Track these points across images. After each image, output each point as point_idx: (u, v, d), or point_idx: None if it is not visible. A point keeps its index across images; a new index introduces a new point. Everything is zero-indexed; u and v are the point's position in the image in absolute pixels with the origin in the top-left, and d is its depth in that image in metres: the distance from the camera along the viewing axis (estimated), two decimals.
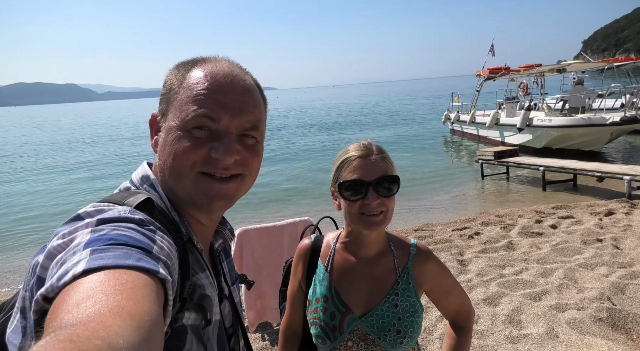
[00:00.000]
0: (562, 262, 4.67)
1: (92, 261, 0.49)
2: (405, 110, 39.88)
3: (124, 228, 0.59)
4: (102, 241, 0.54)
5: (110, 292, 0.45)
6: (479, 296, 3.95)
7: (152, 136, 0.81)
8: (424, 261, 1.24)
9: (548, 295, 3.88)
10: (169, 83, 0.78)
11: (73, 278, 0.47)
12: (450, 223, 6.67)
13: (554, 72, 14.76)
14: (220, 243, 0.90)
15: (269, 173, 13.18)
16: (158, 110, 0.81)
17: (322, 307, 1.22)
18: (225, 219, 0.94)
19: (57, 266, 0.53)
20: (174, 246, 0.66)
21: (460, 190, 9.74)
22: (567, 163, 8.95)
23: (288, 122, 35.39)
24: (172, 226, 0.71)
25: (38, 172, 16.50)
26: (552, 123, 11.91)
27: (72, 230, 0.60)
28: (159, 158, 0.77)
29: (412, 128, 23.65)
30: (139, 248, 0.55)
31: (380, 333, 1.17)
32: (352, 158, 1.16)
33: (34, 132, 44.14)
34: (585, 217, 6.32)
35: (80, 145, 26.84)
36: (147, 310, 0.45)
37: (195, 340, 0.70)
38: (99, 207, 0.66)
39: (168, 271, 0.56)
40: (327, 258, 1.27)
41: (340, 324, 1.19)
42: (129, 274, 0.49)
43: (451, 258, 5.03)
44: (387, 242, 1.26)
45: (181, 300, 0.67)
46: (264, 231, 3.53)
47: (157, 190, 0.77)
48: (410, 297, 1.20)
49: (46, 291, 0.48)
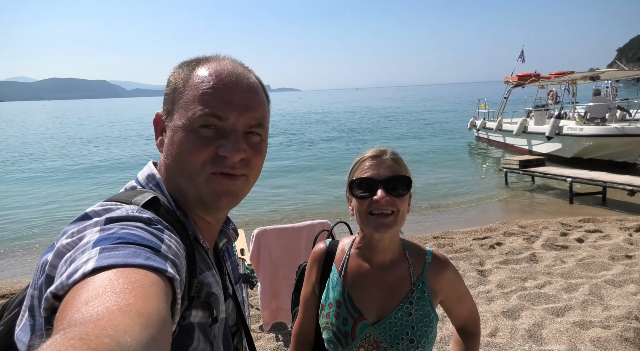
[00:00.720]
0: (587, 277, 4.50)
1: (102, 259, 0.50)
2: (429, 115, 39.40)
3: (132, 227, 0.59)
4: (111, 240, 0.54)
5: (119, 291, 0.45)
6: (499, 309, 3.85)
7: (156, 136, 0.81)
8: (440, 270, 1.22)
9: (572, 311, 3.75)
10: (174, 82, 0.78)
11: (83, 276, 0.48)
12: (471, 232, 6.54)
13: (587, 79, 14.28)
14: (225, 242, 0.91)
15: (288, 175, 13.25)
16: (162, 109, 0.80)
17: (334, 312, 1.22)
18: (229, 219, 0.94)
19: (67, 264, 0.53)
20: (182, 245, 0.66)
21: (482, 199, 9.53)
22: (597, 175, 8.62)
23: (311, 123, 35.53)
24: (178, 225, 0.71)
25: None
26: (583, 132, 11.50)
27: (80, 228, 0.60)
28: (166, 157, 0.77)
29: (435, 134, 23.33)
30: (147, 247, 0.55)
31: (393, 341, 1.15)
32: (364, 158, 1.18)
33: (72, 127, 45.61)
34: (614, 232, 6.08)
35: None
36: (155, 308, 0.45)
37: (202, 337, 0.71)
38: (107, 205, 0.67)
39: (176, 270, 0.57)
40: (341, 263, 1.26)
41: (353, 330, 1.18)
42: (138, 273, 0.49)
43: (470, 267, 4.93)
44: (402, 248, 1.24)
45: (189, 298, 0.67)
46: (282, 232, 3.54)
47: (162, 189, 0.77)
48: (424, 307, 1.18)
49: (56, 289, 0.48)
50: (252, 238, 3.53)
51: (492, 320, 3.67)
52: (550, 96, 16.98)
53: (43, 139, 29.56)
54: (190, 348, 0.69)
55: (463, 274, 4.76)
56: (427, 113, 42.86)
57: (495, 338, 3.41)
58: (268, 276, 3.55)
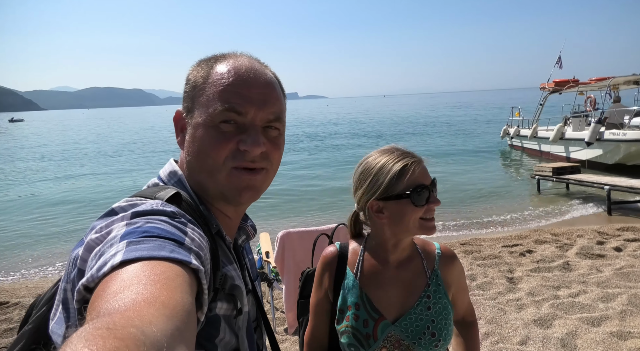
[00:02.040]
0: (626, 287, 4.28)
1: (129, 253, 0.52)
2: (460, 122, 38.63)
3: (157, 221, 0.61)
4: (137, 233, 0.56)
5: (146, 282, 0.47)
6: (530, 317, 3.72)
7: (177, 133, 0.83)
8: (450, 262, 1.25)
9: (608, 321, 3.58)
10: (193, 80, 0.80)
11: (111, 269, 0.50)
12: (501, 239, 6.35)
13: (631, 84, 13.66)
14: (244, 239, 0.92)
15: (311, 179, 13.33)
16: (182, 107, 0.82)
17: (354, 315, 1.20)
18: (247, 215, 0.96)
19: (96, 258, 0.56)
20: (205, 237, 0.67)
21: (513, 206, 9.24)
22: (637, 182, 8.20)
23: (338, 130, 35.62)
24: (200, 219, 0.73)
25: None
26: (627, 137, 10.98)
27: (108, 223, 0.62)
28: (188, 154, 0.79)
29: (467, 142, 22.84)
30: (171, 240, 0.57)
31: (415, 337, 1.15)
32: (409, 164, 1.13)
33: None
34: None
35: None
36: (180, 299, 0.46)
37: (228, 329, 0.73)
38: (132, 201, 0.69)
39: (200, 262, 0.58)
40: (355, 265, 1.24)
41: (374, 331, 1.17)
42: (163, 265, 0.51)
43: (499, 275, 4.79)
44: (414, 245, 1.26)
45: (214, 290, 0.69)
46: (306, 234, 3.57)
47: (184, 185, 0.79)
48: (441, 299, 1.20)
49: (87, 281, 0.51)
50: (277, 240, 3.58)
51: (523, 328, 3.55)
52: (589, 102, 16.33)
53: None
54: (217, 339, 0.71)
55: (491, 281, 4.63)
56: (458, 120, 42.03)
57: (526, 346, 3.29)
58: (292, 279, 3.58)
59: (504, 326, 3.61)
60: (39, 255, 7.40)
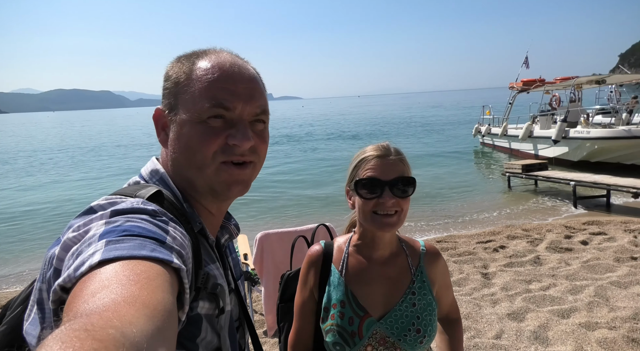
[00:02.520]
0: (592, 279, 4.48)
1: (108, 252, 0.50)
2: (433, 122, 39.41)
3: (138, 219, 0.60)
4: (117, 232, 0.55)
5: (125, 282, 0.45)
6: (504, 311, 3.83)
7: (158, 131, 0.81)
8: (434, 259, 1.27)
9: (577, 313, 3.72)
10: (175, 76, 0.78)
11: (89, 268, 0.49)
12: (475, 236, 6.52)
13: (593, 83, 14.29)
14: (227, 238, 0.91)
15: (289, 180, 13.28)
16: (163, 105, 0.80)
17: (339, 313, 1.19)
18: (230, 214, 0.95)
19: (73, 257, 0.54)
20: (187, 236, 0.67)
21: (486, 203, 9.50)
22: (601, 178, 8.59)
23: (314, 131, 35.64)
24: (182, 218, 0.72)
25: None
26: (590, 135, 11.48)
27: (86, 222, 0.61)
28: (173, 151, 0.78)
29: (440, 140, 23.33)
30: (152, 239, 0.56)
31: (400, 333, 1.15)
32: (370, 157, 1.16)
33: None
34: (618, 234, 6.05)
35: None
36: (160, 299, 0.45)
37: (209, 328, 0.72)
38: (112, 199, 0.68)
39: (182, 261, 0.57)
40: (340, 263, 1.24)
41: (359, 329, 1.16)
42: (143, 264, 0.50)
43: (474, 270, 4.91)
44: (399, 242, 1.27)
45: (195, 289, 0.68)
46: (285, 235, 3.55)
47: (167, 183, 0.78)
48: (426, 295, 1.21)
49: (64, 281, 0.49)
50: (255, 242, 3.54)
51: (497, 322, 3.65)
52: (554, 101, 17.00)
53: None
54: (198, 338, 0.70)
55: (466, 277, 4.74)
56: (431, 120, 42.88)
57: (501, 340, 3.39)
58: (272, 280, 3.55)
59: (480, 321, 3.70)
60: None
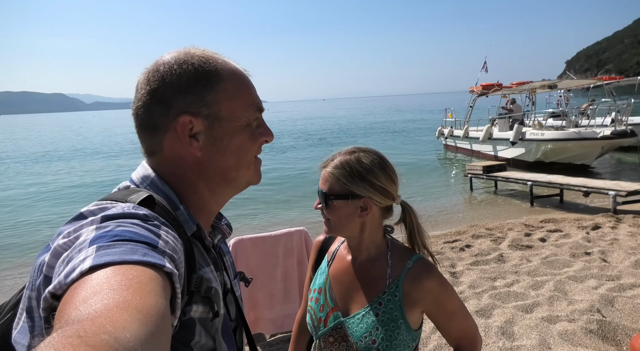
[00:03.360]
0: (552, 275, 4.73)
1: (99, 257, 0.50)
2: (397, 124, 40.28)
3: (129, 224, 0.59)
4: (108, 237, 0.54)
5: (117, 288, 0.45)
6: (472, 308, 3.97)
7: (185, 139, 0.77)
8: (420, 278, 1.17)
9: (539, 307, 3.92)
10: (195, 78, 0.77)
11: (80, 275, 0.48)
12: (441, 236, 6.72)
13: (546, 88, 15.17)
14: (219, 238, 0.91)
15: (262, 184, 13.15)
16: (189, 111, 0.77)
17: (315, 298, 1.29)
18: (222, 214, 0.95)
19: (64, 264, 0.53)
20: (179, 240, 0.66)
21: (450, 204, 9.83)
22: (554, 178, 9.11)
23: (281, 134, 35.53)
24: (174, 222, 0.72)
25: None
26: (544, 136, 12.15)
27: (76, 228, 0.60)
28: (215, 152, 0.79)
29: (404, 143, 23.86)
30: (144, 244, 0.55)
31: (357, 337, 1.16)
32: (320, 167, 1.26)
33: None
34: (572, 231, 6.43)
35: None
36: (154, 304, 0.45)
37: (203, 332, 0.71)
38: (102, 205, 0.67)
39: (174, 265, 0.57)
40: (331, 254, 1.35)
41: (326, 318, 1.24)
42: (135, 269, 0.49)
43: (443, 270, 5.06)
44: (386, 249, 1.24)
45: (189, 293, 0.68)
46: (259, 241, 3.52)
47: (159, 188, 0.77)
48: (393, 310, 1.16)
49: (54, 288, 0.48)
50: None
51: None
52: (508, 105, 17.86)
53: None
54: (192, 342, 0.69)
55: None
56: (394, 122, 43.84)
57: None
58: (245, 287, 3.50)
59: None
60: None
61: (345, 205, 1.18)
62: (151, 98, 0.77)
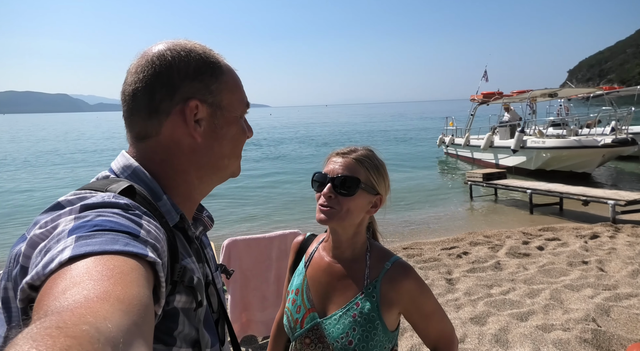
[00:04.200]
0: (548, 283, 4.70)
1: (78, 248, 0.49)
2: (399, 131, 40.30)
3: (109, 214, 0.58)
4: (87, 227, 0.53)
5: (98, 278, 0.44)
6: (467, 315, 3.94)
7: (191, 124, 0.79)
8: (397, 279, 1.16)
9: (534, 315, 3.89)
10: (202, 68, 0.80)
11: (59, 265, 0.47)
12: (439, 242, 6.69)
13: (546, 97, 15.19)
14: (201, 230, 0.91)
15: (260, 187, 13.16)
16: (194, 96, 0.78)
17: (292, 299, 1.27)
18: (203, 206, 0.95)
19: (41, 254, 0.52)
20: (162, 230, 0.66)
21: (449, 211, 9.80)
22: (554, 186, 9.09)
23: (284, 138, 35.57)
24: (156, 212, 0.71)
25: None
26: (545, 144, 12.15)
27: (54, 217, 0.58)
28: (213, 139, 0.82)
29: (405, 150, 23.86)
30: (125, 233, 0.54)
31: (333, 338, 1.15)
32: (332, 154, 1.24)
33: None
34: (570, 240, 6.40)
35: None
36: (136, 294, 0.44)
37: (187, 322, 0.71)
38: (80, 194, 0.65)
39: (157, 254, 0.56)
40: (309, 255, 1.32)
41: (303, 319, 1.22)
42: (117, 259, 0.48)
43: (439, 276, 5.03)
44: (366, 250, 1.23)
45: (172, 283, 0.67)
46: (253, 242, 3.50)
47: (141, 177, 0.77)
48: (370, 312, 1.15)
49: (32, 279, 0.47)
50: (222, 249, 3.47)
51: (461, 327, 3.75)
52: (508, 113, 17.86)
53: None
54: (175, 332, 0.69)
55: (432, 283, 4.84)
56: (396, 129, 43.89)
57: (464, 344, 3.48)
58: (238, 288, 3.49)
59: None
60: None
61: (363, 196, 1.17)
62: (155, 81, 0.76)
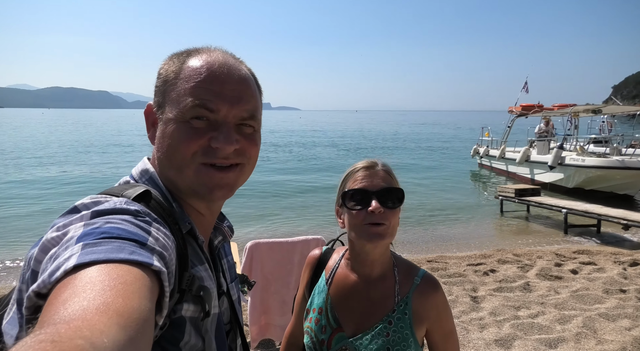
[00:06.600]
0: (581, 310, 4.45)
1: (84, 256, 0.49)
2: (431, 140, 39.73)
3: (118, 221, 0.58)
4: (95, 235, 0.53)
5: (99, 289, 0.44)
6: (491, 336, 3.78)
7: (148, 128, 0.81)
8: (427, 294, 1.14)
9: (565, 343, 3.69)
10: (164, 74, 0.78)
11: (64, 273, 0.47)
12: (465, 258, 6.49)
13: (589, 112, 14.55)
14: (220, 240, 0.90)
15: (286, 191, 13.24)
16: (153, 102, 0.80)
17: (315, 318, 1.20)
18: (224, 215, 0.94)
19: (51, 261, 0.53)
20: (171, 237, 0.65)
21: (478, 225, 9.50)
22: (592, 207, 8.63)
23: (312, 142, 35.77)
24: (170, 218, 0.71)
25: None
26: (585, 163, 11.59)
27: (67, 222, 0.59)
28: (158, 150, 0.77)
29: (437, 159, 23.48)
30: (132, 241, 0.54)
31: None
32: (356, 169, 1.18)
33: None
34: (608, 265, 6.05)
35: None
36: (136, 306, 0.44)
37: (193, 331, 0.70)
38: (97, 199, 0.67)
39: (164, 263, 0.56)
40: (330, 271, 1.25)
41: (329, 339, 1.16)
42: (121, 268, 0.48)
43: (464, 293, 4.87)
44: (393, 265, 1.19)
45: (180, 292, 0.66)
46: (276, 246, 3.50)
47: (156, 183, 0.77)
48: (403, 329, 1.12)
49: (38, 287, 0.48)
50: (245, 251, 3.48)
51: (484, 348, 3.60)
52: (549, 125, 17.19)
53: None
54: (182, 342, 0.68)
55: (455, 299, 4.69)
56: (428, 138, 43.23)
57: None
58: (259, 291, 3.49)
59: (467, 346, 3.65)
60: None
61: (399, 209, 1.16)
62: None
